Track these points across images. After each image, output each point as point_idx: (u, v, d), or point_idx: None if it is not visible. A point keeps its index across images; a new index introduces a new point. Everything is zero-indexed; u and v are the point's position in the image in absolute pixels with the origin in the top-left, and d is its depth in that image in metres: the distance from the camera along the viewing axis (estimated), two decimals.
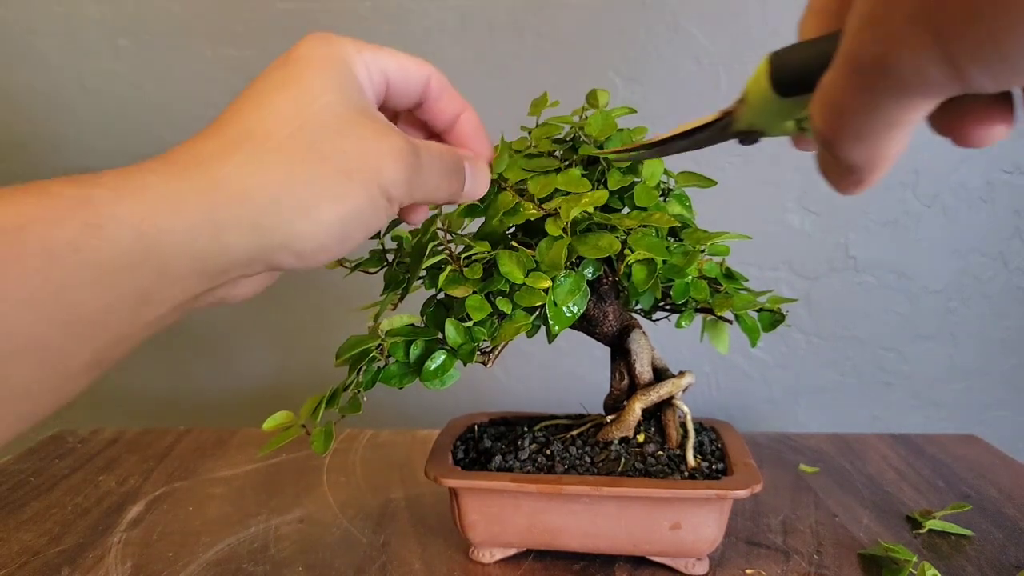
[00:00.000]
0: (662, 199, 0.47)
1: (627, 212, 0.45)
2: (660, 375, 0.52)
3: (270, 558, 0.53)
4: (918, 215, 0.82)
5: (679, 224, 0.46)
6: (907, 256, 0.84)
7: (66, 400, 0.25)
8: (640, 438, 0.50)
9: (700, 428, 0.55)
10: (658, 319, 0.52)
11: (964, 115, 0.20)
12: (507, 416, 0.59)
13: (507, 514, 0.48)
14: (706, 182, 0.47)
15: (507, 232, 0.45)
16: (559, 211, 0.40)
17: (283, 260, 0.29)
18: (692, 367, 0.53)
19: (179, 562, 0.52)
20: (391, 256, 0.48)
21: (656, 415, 0.52)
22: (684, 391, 0.51)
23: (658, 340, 0.54)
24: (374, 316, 0.45)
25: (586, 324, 0.50)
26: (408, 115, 0.39)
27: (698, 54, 0.76)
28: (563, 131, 0.48)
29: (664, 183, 0.48)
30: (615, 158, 0.39)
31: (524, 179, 0.43)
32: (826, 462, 0.69)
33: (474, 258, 0.41)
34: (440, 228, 0.43)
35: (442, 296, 0.44)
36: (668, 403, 0.51)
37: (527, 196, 0.42)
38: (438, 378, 0.41)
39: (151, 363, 0.89)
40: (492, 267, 0.42)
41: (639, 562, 0.51)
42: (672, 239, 0.47)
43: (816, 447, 0.73)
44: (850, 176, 0.22)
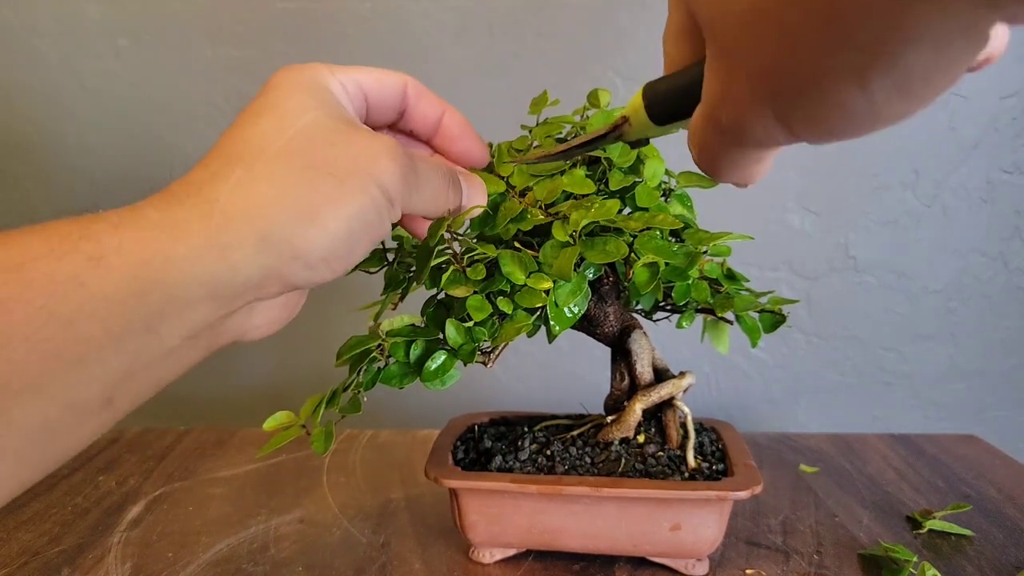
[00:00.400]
0: (663, 199, 0.47)
1: (629, 213, 0.45)
2: (661, 376, 0.52)
3: (270, 558, 0.53)
4: (918, 215, 0.82)
5: (681, 225, 0.46)
6: (907, 256, 0.84)
7: (83, 442, 0.25)
8: (640, 439, 0.50)
9: (700, 429, 0.55)
10: (659, 319, 0.52)
11: None
12: (507, 416, 0.59)
13: (507, 514, 0.48)
14: (707, 182, 0.47)
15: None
16: (567, 215, 0.40)
17: (295, 274, 0.29)
18: (692, 367, 0.53)
19: (179, 562, 0.52)
20: (391, 256, 0.48)
21: (656, 416, 0.52)
22: (685, 392, 0.51)
23: (658, 340, 0.54)
24: (374, 316, 0.45)
25: (587, 324, 0.50)
26: (392, 130, 0.39)
27: None
28: (564, 131, 0.48)
29: (665, 183, 0.48)
30: (533, 162, 0.40)
31: (529, 185, 0.43)
32: (826, 462, 0.69)
33: (476, 258, 0.41)
34: (446, 232, 0.43)
35: (443, 296, 0.44)
36: (669, 404, 0.51)
37: (532, 200, 0.42)
38: (438, 378, 0.41)
39: None
40: (493, 267, 0.42)
41: (639, 563, 0.51)
42: (673, 239, 0.47)
43: (816, 447, 0.73)
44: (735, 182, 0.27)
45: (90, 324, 0.23)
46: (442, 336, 0.42)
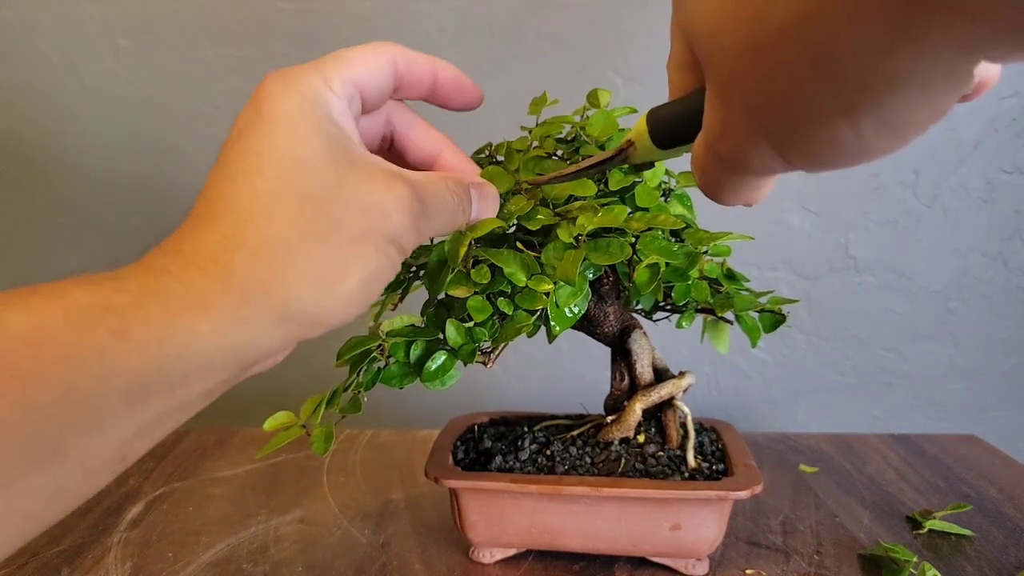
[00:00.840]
0: (663, 199, 0.47)
1: (629, 213, 0.45)
2: (660, 375, 0.52)
3: (270, 558, 0.53)
4: (918, 215, 0.82)
5: (682, 225, 0.46)
6: (907, 256, 0.84)
7: (90, 495, 0.25)
8: (640, 439, 0.50)
9: (700, 428, 0.55)
10: (659, 319, 0.52)
11: None
12: (507, 416, 0.59)
13: (507, 514, 0.48)
14: None
15: (509, 231, 0.45)
16: (574, 217, 0.40)
17: (312, 334, 0.29)
18: (692, 367, 0.53)
19: (179, 562, 0.52)
20: None
21: (656, 416, 0.52)
22: (684, 391, 0.51)
23: (658, 340, 0.54)
24: (374, 316, 0.45)
25: (587, 324, 0.50)
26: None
27: None
28: (564, 131, 0.48)
29: (665, 183, 0.48)
30: (544, 183, 0.40)
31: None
32: (826, 462, 0.69)
33: (479, 259, 0.41)
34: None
35: (443, 296, 0.44)
36: (669, 404, 0.51)
37: (541, 200, 0.42)
38: (438, 378, 0.41)
39: None
40: (494, 268, 0.41)
41: (639, 563, 0.51)
42: (673, 239, 0.47)
43: (816, 447, 0.73)
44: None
45: (111, 397, 0.23)
46: (442, 336, 0.42)
